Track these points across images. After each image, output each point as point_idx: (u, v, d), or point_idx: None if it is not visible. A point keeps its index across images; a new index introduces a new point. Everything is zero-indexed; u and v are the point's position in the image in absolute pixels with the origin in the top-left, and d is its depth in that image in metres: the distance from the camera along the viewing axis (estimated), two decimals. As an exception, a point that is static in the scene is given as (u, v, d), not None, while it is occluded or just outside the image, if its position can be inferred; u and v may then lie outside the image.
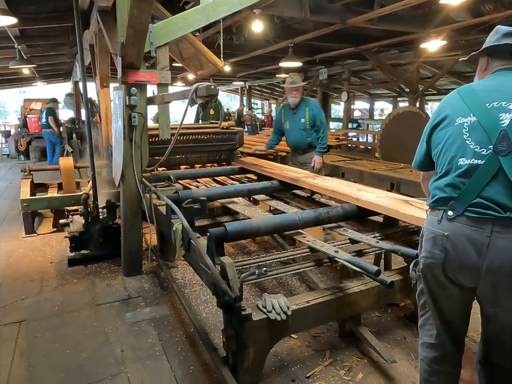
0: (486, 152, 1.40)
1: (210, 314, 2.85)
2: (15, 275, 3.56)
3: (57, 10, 6.08)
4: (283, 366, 2.29)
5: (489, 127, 1.41)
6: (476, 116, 1.45)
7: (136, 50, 2.98)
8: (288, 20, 7.62)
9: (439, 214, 1.50)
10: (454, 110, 1.53)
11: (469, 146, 1.44)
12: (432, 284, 1.58)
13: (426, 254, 1.54)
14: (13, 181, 8.17)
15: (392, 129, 7.97)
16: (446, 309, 1.60)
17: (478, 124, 1.44)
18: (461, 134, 1.47)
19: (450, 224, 1.45)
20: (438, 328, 1.63)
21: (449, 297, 1.57)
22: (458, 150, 1.46)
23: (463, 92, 1.56)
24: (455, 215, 1.44)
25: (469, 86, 1.58)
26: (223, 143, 4.78)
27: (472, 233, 1.40)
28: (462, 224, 1.42)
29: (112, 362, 2.34)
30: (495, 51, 1.58)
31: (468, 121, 1.46)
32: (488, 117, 1.42)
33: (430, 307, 1.63)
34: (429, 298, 1.62)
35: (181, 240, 2.52)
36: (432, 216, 1.55)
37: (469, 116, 1.47)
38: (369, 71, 13.05)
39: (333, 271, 3.51)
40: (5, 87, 16.24)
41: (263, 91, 20.27)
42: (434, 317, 1.63)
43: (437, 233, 1.49)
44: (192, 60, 4.75)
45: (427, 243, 1.54)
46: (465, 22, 6.52)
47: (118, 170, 3.46)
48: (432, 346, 1.66)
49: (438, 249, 1.48)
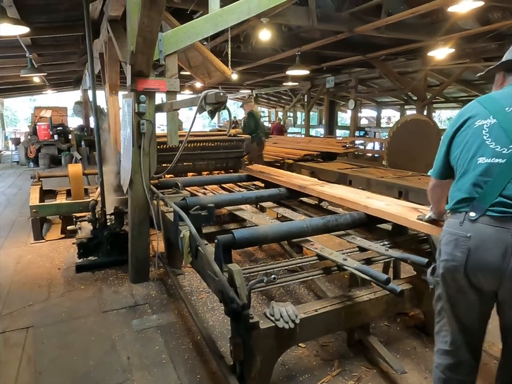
0: (507, 151, 1.41)
1: (217, 322, 2.84)
2: (23, 281, 3.57)
3: (68, 19, 6.20)
4: (291, 375, 2.26)
5: (509, 128, 1.43)
6: (496, 118, 1.48)
7: (146, 59, 3.01)
8: (295, 29, 7.68)
9: (460, 217, 1.49)
10: (473, 114, 1.56)
11: (489, 146, 1.46)
12: (451, 289, 1.56)
13: (447, 257, 1.52)
14: (22, 187, 8.26)
15: (400, 137, 7.92)
16: (463, 315, 1.58)
17: (498, 125, 1.47)
18: (480, 135, 1.49)
19: (473, 225, 1.44)
20: (454, 335, 1.61)
21: (468, 303, 1.55)
22: (478, 150, 1.48)
23: (482, 99, 1.60)
24: (478, 215, 1.43)
25: (487, 95, 1.63)
26: (230, 150, 4.80)
27: (496, 233, 1.39)
28: (485, 224, 1.42)
29: (119, 369, 2.33)
30: (511, 66, 1.61)
31: (487, 123, 1.49)
32: (507, 119, 1.46)
33: (447, 312, 1.61)
34: (446, 303, 1.60)
35: (189, 247, 2.52)
36: (453, 219, 1.54)
37: (489, 118, 1.50)
38: (376, 79, 13.05)
39: (340, 280, 3.47)
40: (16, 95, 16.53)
41: (270, 99, 20.36)
42: (450, 323, 1.61)
43: (459, 235, 1.48)
44: (200, 68, 4.79)
45: (448, 246, 1.52)
46: (473, 30, 6.52)
47: (126, 177, 3.48)
48: (447, 353, 1.63)
49: (459, 251, 1.47)
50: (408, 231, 2.72)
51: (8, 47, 7.11)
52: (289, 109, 18.55)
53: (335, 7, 6.52)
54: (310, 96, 14.35)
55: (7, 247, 4.49)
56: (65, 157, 11.51)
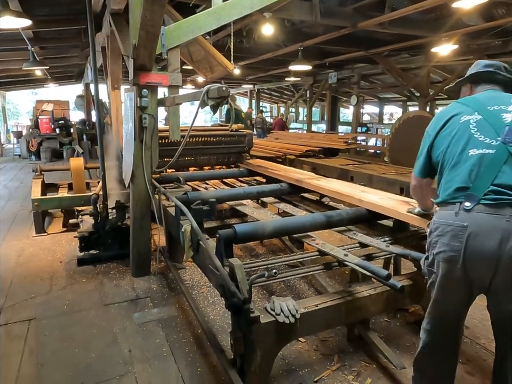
0: (495, 143, 1.50)
1: (218, 316, 2.85)
2: (25, 273, 3.59)
3: (70, 13, 6.18)
4: (291, 369, 2.28)
5: (494, 122, 1.54)
6: (481, 114, 1.59)
7: (148, 53, 3.01)
8: (298, 24, 7.64)
9: (455, 207, 1.52)
10: (457, 112, 1.66)
11: (478, 139, 1.54)
12: (444, 278, 1.59)
13: (445, 247, 1.54)
14: (24, 181, 8.27)
15: (402, 134, 7.90)
16: (445, 304, 1.63)
17: (484, 120, 1.57)
18: (468, 129, 1.58)
19: (468, 214, 1.48)
20: (434, 320, 1.69)
21: (454, 294, 1.59)
22: (468, 143, 1.56)
23: (463, 100, 1.72)
24: (473, 205, 1.47)
25: (468, 96, 1.76)
26: (232, 145, 4.79)
27: (492, 220, 1.43)
28: (481, 212, 1.46)
29: (120, 362, 2.35)
30: (477, 78, 1.78)
31: (473, 118, 1.59)
32: (491, 115, 1.57)
33: (433, 297, 1.67)
34: (434, 290, 1.65)
35: (190, 242, 2.52)
36: (446, 210, 1.57)
37: (474, 114, 1.60)
38: (379, 75, 13.00)
39: (341, 275, 3.48)
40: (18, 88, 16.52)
41: (272, 94, 20.29)
42: (432, 307, 1.69)
43: (455, 225, 1.50)
44: (202, 62, 4.77)
45: (444, 237, 1.54)
46: (477, 26, 6.48)
47: (128, 171, 3.49)
48: (426, 332, 1.73)
49: (458, 241, 1.49)
50: (409, 227, 2.72)
51: (10, 40, 7.10)
52: (291, 104, 18.49)
53: (338, 2, 6.48)
54: (312, 92, 14.31)
55: (9, 240, 4.51)
56: (67, 151, 11.52)
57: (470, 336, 2.58)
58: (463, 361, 2.32)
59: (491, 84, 1.74)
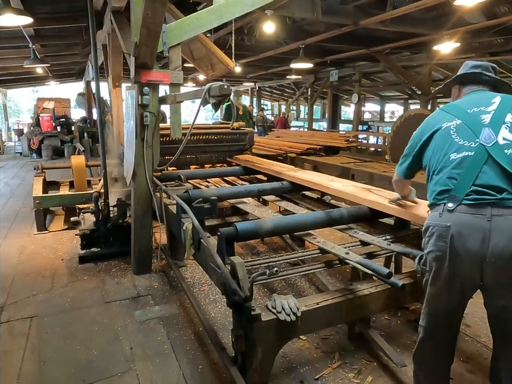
0: (474, 144, 1.55)
1: (219, 314, 2.86)
2: (27, 271, 3.60)
3: (71, 10, 6.18)
4: (292, 367, 2.28)
5: (473, 125, 1.59)
6: (460, 119, 1.64)
7: (149, 50, 3.00)
8: (299, 21, 7.63)
9: (439, 209, 1.58)
10: (438, 120, 1.72)
11: (458, 143, 1.59)
12: (435, 277, 1.62)
13: (432, 247, 1.59)
14: (25, 178, 8.29)
15: (403, 132, 7.87)
16: (439, 302, 1.65)
17: (463, 124, 1.62)
18: (448, 135, 1.64)
19: (451, 215, 1.52)
20: (429, 316, 1.71)
21: (447, 292, 1.61)
22: (449, 148, 1.61)
23: (445, 107, 1.78)
24: (455, 205, 1.52)
25: (450, 103, 1.80)
26: (233, 143, 4.80)
27: (473, 220, 1.47)
28: (462, 213, 1.50)
29: (121, 359, 2.36)
30: (465, 79, 1.82)
31: (453, 124, 1.65)
32: (471, 118, 1.62)
33: (426, 296, 1.71)
34: (428, 288, 1.69)
35: (191, 239, 2.53)
36: (433, 212, 1.63)
37: (454, 120, 1.66)
38: (380, 73, 12.97)
39: (342, 273, 3.49)
40: (19, 86, 16.53)
41: (273, 92, 20.27)
42: (426, 305, 1.72)
43: (439, 225, 1.55)
44: (204, 60, 4.76)
45: (431, 237, 1.59)
46: (479, 24, 6.46)
47: (129, 169, 3.49)
48: (422, 328, 1.76)
49: (442, 241, 1.54)
50: (411, 226, 2.72)
51: (11, 38, 7.10)
52: (292, 102, 18.46)
53: (339, 0, 6.46)
54: (314, 90, 14.28)
55: (10, 238, 4.52)
56: (68, 149, 11.52)
57: (470, 335, 2.59)
58: (463, 359, 2.33)
59: (478, 85, 1.78)
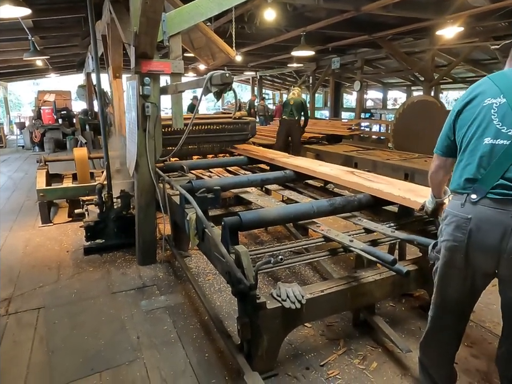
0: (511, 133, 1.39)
1: (224, 303, 2.88)
2: (33, 263, 3.64)
3: (70, 1, 6.11)
4: (297, 354, 2.31)
5: None
6: (506, 97, 1.44)
7: (149, 40, 2.98)
8: (300, 8, 7.51)
9: (462, 198, 1.51)
10: (484, 91, 1.52)
11: (496, 126, 1.44)
12: (447, 266, 1.60)
13: (448, 237, 1.55)
14: (28, 171, 8.31)
15: (406, 119, 7.84)
16: (450, 292, 1.63)
17: (507, 105, 1.43)
18: (489, 114, 1.46)
19: (473, 207, 1.46)
20: (437, 307, 1.70)
21: (459, 282, 1.59)
22: (485, 130, 1.46)
23: (494, 77, 1.55)
24: (479, 197, 1.45)
25: (500, 72, 1.58)
26: (236, 133, 4.78)
27: (496, 215, 1.41)
28: (486, 206, 1.43)
29: (129, 348, 2.39)
30: None
31: (497, 102, 1.46)
32: None
33: (436, 286, 1.68)
34: (438, 278, 1.66)
35: (195, 230, 2.53)
36: (455, 200, 1.56)
37: (499, 97, 1.46)
38: (382, 60, 12.82)
39: (346, 261, 3.50)
40: (19, 79, 16.46)
41: (274, 81, 20.09)
42: (436, 296, 1.69)
43: (460, 216, 1.50)
44: (204, 49, 4.72)
45: (449, 226, 1.55)
46: (483, 8, 6.32)
47: (132, 160, 3.49)
48: (430, 319, 1.75)
49: (461, 232, 1.49)
50: (414, 213, 2.71)
51: (10, 30, 7.04)
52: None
53: (341, -15, 6.36)
54: (315, 78, 14.15)
55: (15, 231, 4.55)
56: (70, 141, 11.51)
57: (475, 320, 2.59)
58: (468, 344, 2.34)
59: None
